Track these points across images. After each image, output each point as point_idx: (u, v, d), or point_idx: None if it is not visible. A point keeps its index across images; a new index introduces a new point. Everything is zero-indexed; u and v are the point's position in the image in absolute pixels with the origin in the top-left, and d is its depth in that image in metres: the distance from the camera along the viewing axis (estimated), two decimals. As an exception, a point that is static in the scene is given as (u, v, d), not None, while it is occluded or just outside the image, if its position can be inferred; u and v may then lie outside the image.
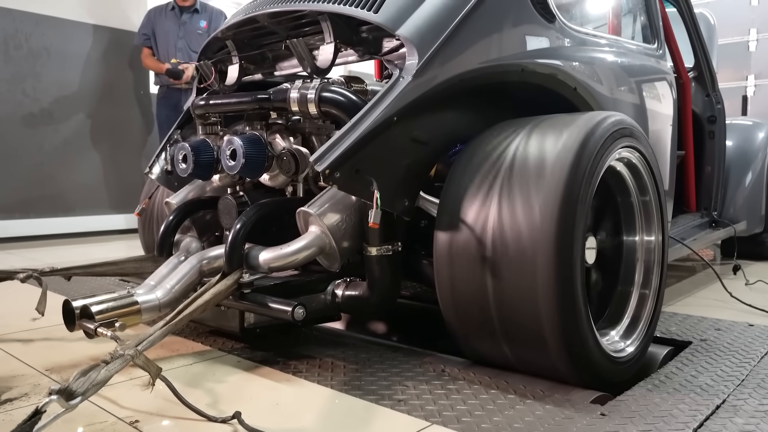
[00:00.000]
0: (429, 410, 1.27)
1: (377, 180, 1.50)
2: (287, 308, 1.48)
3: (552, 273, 1.35)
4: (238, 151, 1.68)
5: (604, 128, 1.53)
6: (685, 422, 1.22)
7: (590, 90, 1.91)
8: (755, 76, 6.80)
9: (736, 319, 2.07)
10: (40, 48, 4.44)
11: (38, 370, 1.54)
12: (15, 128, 4.34)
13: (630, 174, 1.68)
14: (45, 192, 4.50)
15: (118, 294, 1.57)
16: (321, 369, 1.54)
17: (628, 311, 1.65)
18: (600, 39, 2.09)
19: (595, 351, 1.43)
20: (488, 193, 1.48)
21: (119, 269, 2.00)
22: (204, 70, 2.04)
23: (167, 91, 4.63)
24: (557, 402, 1.33)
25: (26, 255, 3.87)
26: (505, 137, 1.58)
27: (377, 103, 1.51)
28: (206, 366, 1.57)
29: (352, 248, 1.64)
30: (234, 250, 1.61)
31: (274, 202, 1.75)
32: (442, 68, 1.59)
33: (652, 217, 1.70)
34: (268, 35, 1.99)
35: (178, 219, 1.90)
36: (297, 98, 1.65)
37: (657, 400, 1.34)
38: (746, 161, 3.48)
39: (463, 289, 1.47)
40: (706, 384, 1.45)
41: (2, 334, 1.86)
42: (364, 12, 1.64)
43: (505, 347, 1.48)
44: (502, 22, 1.73)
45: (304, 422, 1.22)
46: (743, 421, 1.24)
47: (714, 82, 3.27)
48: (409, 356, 1.66)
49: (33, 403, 1.31)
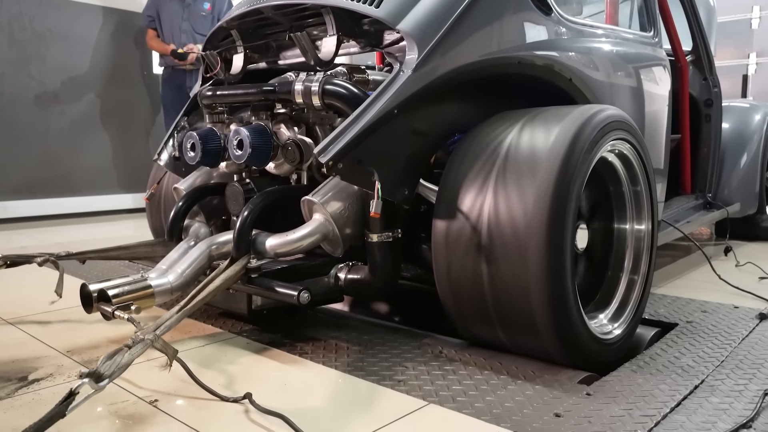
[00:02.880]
0: (426, 390, 1.37)
1: (378, 170, 1.57)
2: (293, 293, 1.57)
3: (543, 260, 1.43)
4: (244, 141, 1.75)
5: (596, 122, 1.60)
6: (664, 401, 1.31)
7: (585, 80, 1.97)
8: (757, 54, 6.80)
9: (723, 301, 2.15)
10: (45, 30, 4.47)
11: (60, 351, 1.63)
12: (22, 111, 4.41)
13: (622, 165, 1.75)
14: (53, 173, 4.58)
15: (132, 278, 1.65)
16: (326, 350, 1.63)
17: (617, 295, 1.74)
18: (596, 29, 2.14)
19: (584, 334, 1.52)
20: (484, 183, 1.55)
21: (131, 253, 2.08)
22: (210, 60, 2.09)
23: (172, 72, 4.67)
24: (546, 382, 1.42)
25: (35, 236, 3.96)
26: (501, 130, 1.65)
27: (378, 96, 1.58)
28: (217, 347, 1.66)
29: (355, 234, 1.72)
30: (242, 237, 1.69)
31: (279, 190, 1.83)
32: (441, 62, 1.65)
33: (642, 206, 1.78)
34: (272, 25, 2.04)
35: (187, 205, 1.98)
36: (301, 90, 1.71)
37: (640, 381, 1.43)
38: (742, 143, 3.53)
39: (459, 276, 1.55)
40: (687, 365, 1.54)
41: (23, 316, 1.96)
42: (366, 7, 1.69)
43: (499, 331, 1.57)
44: (500, 15, 1.78)
45: (311, 402, 1.31)
46: (718, 400, 1.33)
47: (711, 66, 3.31)
48: (408, 338, 1.75)
49: (58, 383, 1.41)
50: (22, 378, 1.44)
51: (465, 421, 1.21)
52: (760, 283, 2.45)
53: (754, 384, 1.41)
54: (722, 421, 1.22)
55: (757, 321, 1.90)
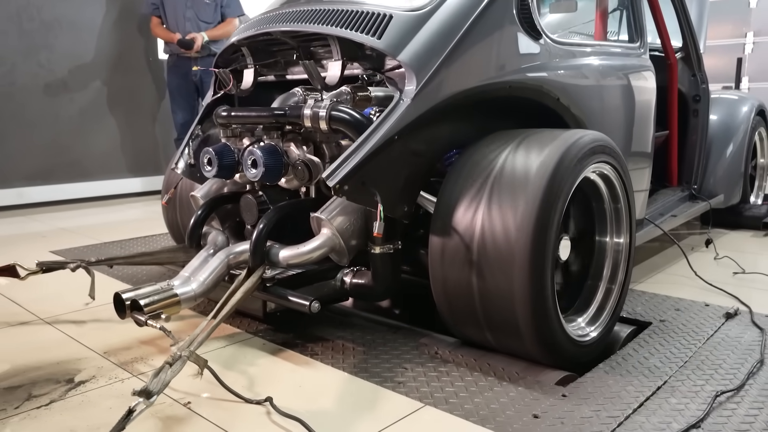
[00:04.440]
0: (423, 392, 1.57)
1: (380, 191, 1.75)
2: (305, 302, 1.76)
3: (527, 272, 1.61)
4: (258, 161, 1.92)
5: (580, 145, 1.77)
6: (629, 403, 1.51)
7: (572, 98, 2.12)
8: (754, 33, 6.87)
9: (696, 298, 2.35)
10: (52, 19, 4.57)
11: (97, 352, 1.83)
12: (32, 99, 4.54)
13: (604, 184, 1.92)
14: (64, 159, 4.74)
15: (159, 286, 1.84)
16: (334, 352, 1.83)
17: (595, 302, 1.93)
18: (584, 47, 2.28)
19: (561, 337, 1.71)
20: (476, 203, 1.72)
21: (154, 259, 2.27)
22: (223, 77, 2.24)
23: (177, 59, 4.78)
24: (528, 384, 1.62)
25: (49, 221, 4.14)
26: (492, 151, 1.82)
27: (380, 124, 1.74)
28: (237, 348, 1.86)
29: (359, 246, 1.91)
30: (257, 249, 1.88)
31: (290, 204, 2.00)
32: (437, 90, 1.81)
33: (622, 222, 1.96)
34: (280, 44, 2.18)
35: (205, 213, 2.16)
36: (310, 115, 1.87)
37: (610, 382, 1.63)
38: (728, 135, 3.67)
39: (453, 286, 1.74)
40: (654, 366, 1.74)
41: (57, 315, 2.15)
42: (369, 38, 1.84)
43: (487, 333, 1.76)
44: (492, 44, 1.92)
45: (323, 404, 1.52)
46: (676, 401, 1.53)
47: (700, 63, 3.44)
48: (407, 337, 1.95)
49: (101, 384, 1.61)
50: (69, 380, 1.64)
51: (456, 423, 1.42)
52: (734, 278, 2.65)
53: (710, 385, 1.61)
54: (676, 422, 1.42)
55: (724, 320, 2.10)
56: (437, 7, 1.88)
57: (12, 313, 2.18)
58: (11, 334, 2.00)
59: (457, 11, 1.88)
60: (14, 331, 2.02)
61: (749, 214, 3.71)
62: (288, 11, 2.07)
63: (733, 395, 1.55)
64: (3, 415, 1.45)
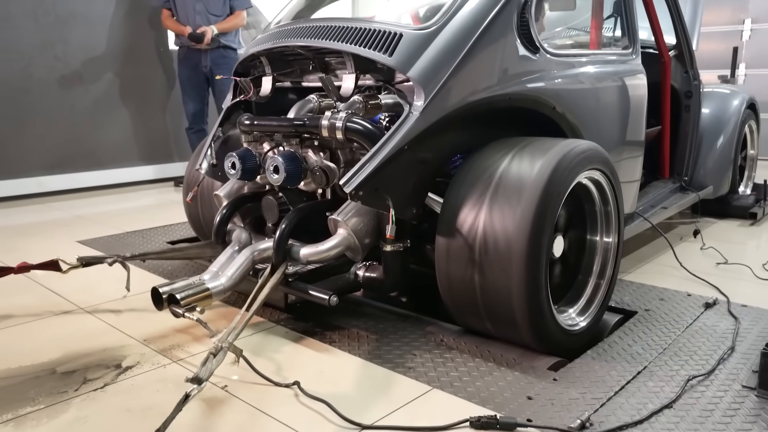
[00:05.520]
0: (430, 376, 1.78)
1: (391, 196, 1.93)
2: (325, 296, 1.96)
3: (523, 270, 1.81)
4: (280, 167, 2.10)
5: (573, 154, 1.96)
6: (611, 386, 1.72)
7: (567, 107, 2.29)
8: (752, 20, 6.98)
9: (681, 288, 2.55)
10: (66, 14, 4.71)
11: (137, 340, 2.04)
12: (50, 91, 4.70)
13: (596, 189, 2.12)
14: (80, 148, 4.92)
15: (192, 281, 2.04)
16: (350, 339, 2.04)
17: (585, 295, 2.13)
18: (578, 57, 2.45)
19: (553, 327, 1.92)
20: (479, 206, 1.92)
21: (184, 254, 2.47)
22: (244, 86, 2.42)
23: (188, 51, 4.93)
24: (523, 369, 1.83)
25: (68, 209, 4.34)
26: (493, 159, 2.00)
27: (392, 135, 1.93)
28: (263, 337, 2.07)
29: (371, 244, 2.10)
30: (280, 247, 2.07)
31: (308, 206, 2.19)
32: (443, 104, 1.99)
33: (611, 223, 2.15)
34: (297, 54, 2.35)
35: (230, 212, 2.35)
36: (327, 126, 2.04)
37: (596, 367, 1.84)
38: (719, 128, 3.85)
39: (457, 282, 1.94)
40: (636, 352, 1.95)
41: (96, 305, 2.36)
42: (381, 55, 2.01)
43: (487, 323, 1.97)
44: (493, 60, 2.10)
45: (342, 387, 1.73)
46: (653, 384, 1.74)
47: (693, 61, 3.60)
48: (414, 325, 2.16)
49: (146, 370, 1.82)
50: (117, 365, 1.85)
51: (460, 404, 1.63)
52: (717, 268, 2.85)
53: (684, 370, 1.82)
54: (652, 403, 1.63)
55: (703, 309, 2.31)
56: (443, 25, 2.05)
57: (54, 303, 2.39)
58: (58, 323, 2.20)
59: (461, 29, 2.05)
60: (60, 320, 2.23)
61: (737, 204, 3.90)
62: (305, 26, 2.24)
63: (704, 379, 1.76)
64: (66, 396, 1.66)
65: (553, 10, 3.10)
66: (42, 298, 2.44)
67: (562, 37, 2.85)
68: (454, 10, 2.09)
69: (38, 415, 1.57)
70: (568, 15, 3.40)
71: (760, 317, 2.23)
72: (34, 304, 2.38)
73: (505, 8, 2.12)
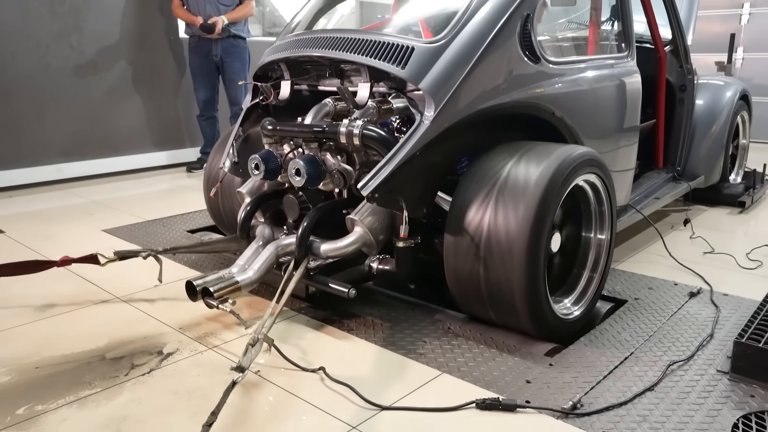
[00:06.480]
0: (440, 362, 2.00)
1: (404, 197, 2.13)
2: (344, 289, 2.17)
3: (523, 265, 2.01)
4: (301, 170, 2.29)
5: (571, 159, 2.15)
6: (600, 371, 1.93)
7: (566, 111, 2.47)
8: (751, 4, 7.07)
9: (669, 277, 2.76)
10: (81, 2, 4.83)
11: (174, 328, 2.25)
12: (66, 80, 4.85)
13: (591, 190, 2.31)
14: (96, 135, 5.09)
15: (222, 274, 2.25)
16: (366, 327, 2.25)
17: (579, 286, 2.34)
18: (576, 65, 2.61)
19: (550, 315, 2.13)
20: (484, 207, 2.11)
21: (211, 248, 2.68)
22: (265, 91, 2.59)
23: (198, 40, 5.06)
24: (523, 354, 2.04)
25: (87, 196, 4.52)
26: (498, 162, 2.19)
27: (405, 142, 2.12)
28: (287, 325, 2.28)
29: (386, 240, 2.31)
30: (302, 243, 2.27)
31: (327, 205, 2.39)
32: (452, 112, 2.17)
33: (605, 221, 2.35)
34: (314, 62, 2.53)
35: (253, 209, 2.55)
36: (345, 133, 2.22)
37: (588, 353, 2.06)
38: (711, 119, 4.02)
39: (463, 274, 2.15)
40: (624, 339, 2.16)
41: (131, 294, 2.57)
42: (394, 67, 2.19)
43: (490, 312, 2.18)
44: (498, 71, 2.27)
45: (362, 371, 1.94)
46: (638, 369, 1.96)
47: (687, 56, 3.76)
48: (424, 314, 2.37)
49: (185, 356, 2.04)
50: (159, 352, 2.07)
51: (467, 387, 1.85)
52: (704, 257, 3.05)
53: (666, 356, 2.04)
54: (636, 386, 1.85)
55: (687, 298, 2.52)
56: (452, 39, 2.22)
57: (91, 292, 2.60)
58: (99, 312, 2.42)
59: (469, 43, 2.22)
60: (100, 309, 2.44)
61: (727, 192, 4.09)
62: (323, 37, 2.41)
63: (683, 364, 1.98)
64: (118, 381, 1.88)
65: (554, 5, 3.25)
66: (80, 287, 2.65)
67: (561, 41, 3.00)
68: (462, 24, 2.26)
69: (97, 397, 1.79)
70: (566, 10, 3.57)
71: (739, 306, 2.44)
72: (73, 293, 2.59)
73: (509, 22, 2.29)
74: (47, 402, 1.76)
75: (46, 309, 2.43)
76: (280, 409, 1.73)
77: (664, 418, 1.69)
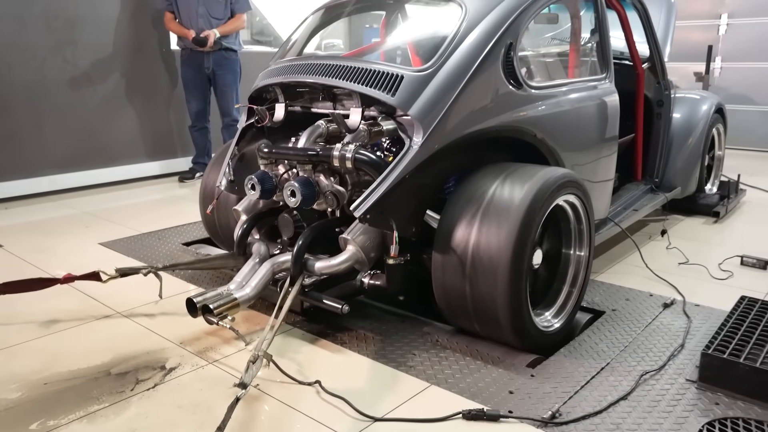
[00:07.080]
0: (428, 374, 2.12)
1: (395, 218, 2.25)
2: (338, 306, 2.29)
3: (506, 281, 2.15)
4: (296, 191, 2.41)
5: (552, 180, 2.29)
6: (578, 381, 2.07)
7: (547, 133, 2.62)
8: (728, 15, 7.28)
9: (645, 288, 2.91)
10: (75, 16, 4.92)
11: (175, 343, 2.36)
12: (62, 92, 4.93)
13: (571, 209, 2.45)
14: (90, 147, 5.17)
15: (220, 291, 2.36)
16: (358, 340, 2.38)
17: (559, 300, 2.48)
18: (556, 89, 2.76)
19: (531, 327, 2.26)
20: (471, 225, 2.24)
21: (210, 265, 2.79)
22: (260, 114, 2.71)
23: (191, 53, 5.16)
24: (506, 366, 2.18)
25: (80, 207, 4.60)
26: (484, 184, 2.33)
27: (395, 167, 2.24)
28: (284, 339, 2.40)
29: (377, 257, 2.43)
30: (297, 261, 2.39)
31: (321, 224, 2.51)
32: (439, 137, 2.30)
33: (584, 239, 2.50)
34: (307, 86, 2.65)
35: (250, 227, 2.66)
36: (338, 156, 2.34)
37: (567, 364, 2.20)
38: (688, 132, 4.18)
39: (450, 290, 2.28)
40: (601, 350, 2.30)
41: (131, 309, 2.67)
42: (384, 95, 2.32)
43: (475, 324, 2.31)
44: (483, 97, 2.40)
45: (357, 384, 2.07)
46: (614, 378, 2.10)
47: (664, 72, 3.92)
48: (414, 327, 2.50)
49: (187, 371, 2.15)
50: (162, 367, 2.17)
51: (454, 398, 1.97)
52: (679, 268, 3.21)
53: (640, 366, 2.18)
54: (611, 395, 1.99)
55: (661, 309, 2.66)
56: (439, 68, 2.36)
57: (94, 308, 2.70)
58: (102, 327, 2.52)
59: (455, 71, 2.36)
60: (102, 324, 2.54)
61: (703, 203, 4.26)
62: (317, 63, 2.53)
63: (655, 374, 2.12)
64: (124, 395, 1.99)
65: (538, 23, 3.39)
66: (82, 302, 2.75)
67: (542, 65, 3.13)
68: (449, 53, 2.39)
69: (105, 412, 1.90)
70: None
71: (710, 316, 2.59)
72: (76, 308, 2.69)
73: (493, 51, 2.42)
74: (58, 417, 1.87)
75: (50, 325, 2.53)
76: (279, 422, 1.85)
77: (635, 425, 1.83)
